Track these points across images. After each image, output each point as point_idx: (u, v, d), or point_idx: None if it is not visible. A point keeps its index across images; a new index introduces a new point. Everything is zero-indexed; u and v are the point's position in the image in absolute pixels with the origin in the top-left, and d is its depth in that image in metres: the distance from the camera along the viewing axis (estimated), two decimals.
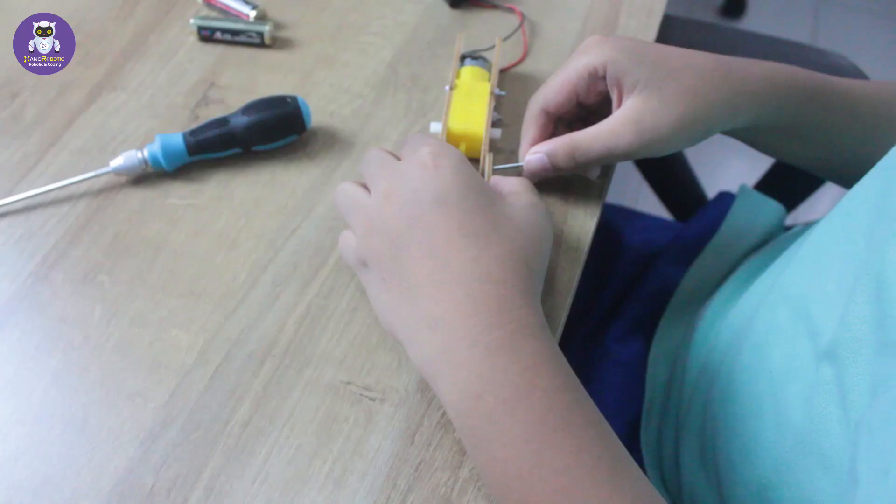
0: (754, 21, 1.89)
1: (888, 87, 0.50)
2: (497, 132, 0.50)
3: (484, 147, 0.48)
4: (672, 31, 0.64)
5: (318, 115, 0.54)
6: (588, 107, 0.48)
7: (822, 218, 0.44)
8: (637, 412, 0.56)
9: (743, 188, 0.67)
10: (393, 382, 0.41)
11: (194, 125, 0.51)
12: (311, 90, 0.56)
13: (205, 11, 0.62)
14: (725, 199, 0.67)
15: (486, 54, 0.56)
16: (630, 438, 0.55)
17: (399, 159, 0.41)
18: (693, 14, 1.92)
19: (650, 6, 0.62)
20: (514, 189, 0.42)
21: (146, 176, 0.51)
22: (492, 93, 0.51)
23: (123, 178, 0.50)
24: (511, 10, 0.62)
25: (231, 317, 0.44)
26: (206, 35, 0.59)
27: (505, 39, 0.59)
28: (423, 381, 0.41)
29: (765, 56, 0.79)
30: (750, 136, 0.49)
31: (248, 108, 0.50)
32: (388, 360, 0.42)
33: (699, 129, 0.44)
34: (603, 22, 0.61)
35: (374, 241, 0.38)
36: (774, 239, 0.62)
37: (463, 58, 0.55)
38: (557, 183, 0.50)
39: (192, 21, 0.59)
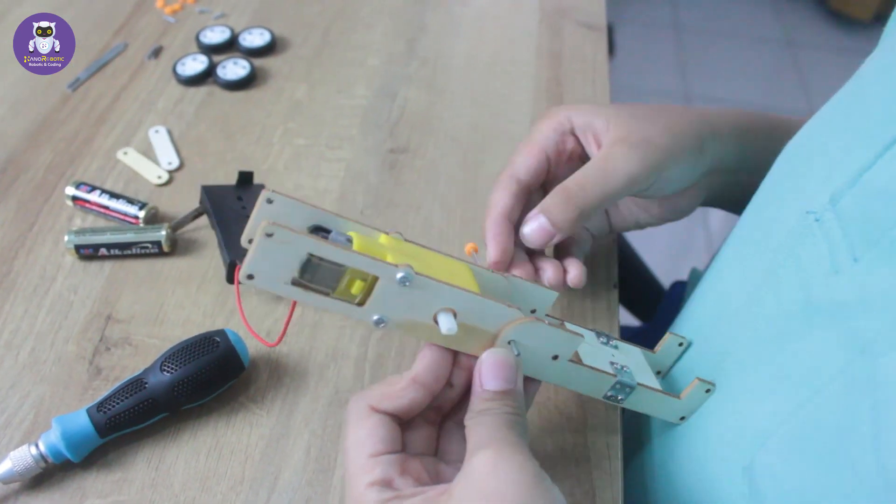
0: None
1: None
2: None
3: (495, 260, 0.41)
4: None
5: (251, 339, 0.44)
6: (560, 178, 0.42)
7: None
8: None
9: (693, 272, 0.63)
10: None
11: (98, 385, 0.40)
12: (235, 305, 0.46)
13: (79, 218, 0.51)
14: (678, 289, 0.64)
15: (323, 227, 0.33)
16: None
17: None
18: None
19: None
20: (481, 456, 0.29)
21: (47, 473, 0.39)
22: (406, 240, 0.35)
23: (16, 484, 0.39)
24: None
25: None
26: (88, 253, 0.48)
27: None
28: None
29: None
30: (712, 180, 0.46)
31: (168, 361, 0.40)
32: None
33: (686, 149, 0.42)
34: None
35: None
36: None
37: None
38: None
39: (66, 238, 0.48)
